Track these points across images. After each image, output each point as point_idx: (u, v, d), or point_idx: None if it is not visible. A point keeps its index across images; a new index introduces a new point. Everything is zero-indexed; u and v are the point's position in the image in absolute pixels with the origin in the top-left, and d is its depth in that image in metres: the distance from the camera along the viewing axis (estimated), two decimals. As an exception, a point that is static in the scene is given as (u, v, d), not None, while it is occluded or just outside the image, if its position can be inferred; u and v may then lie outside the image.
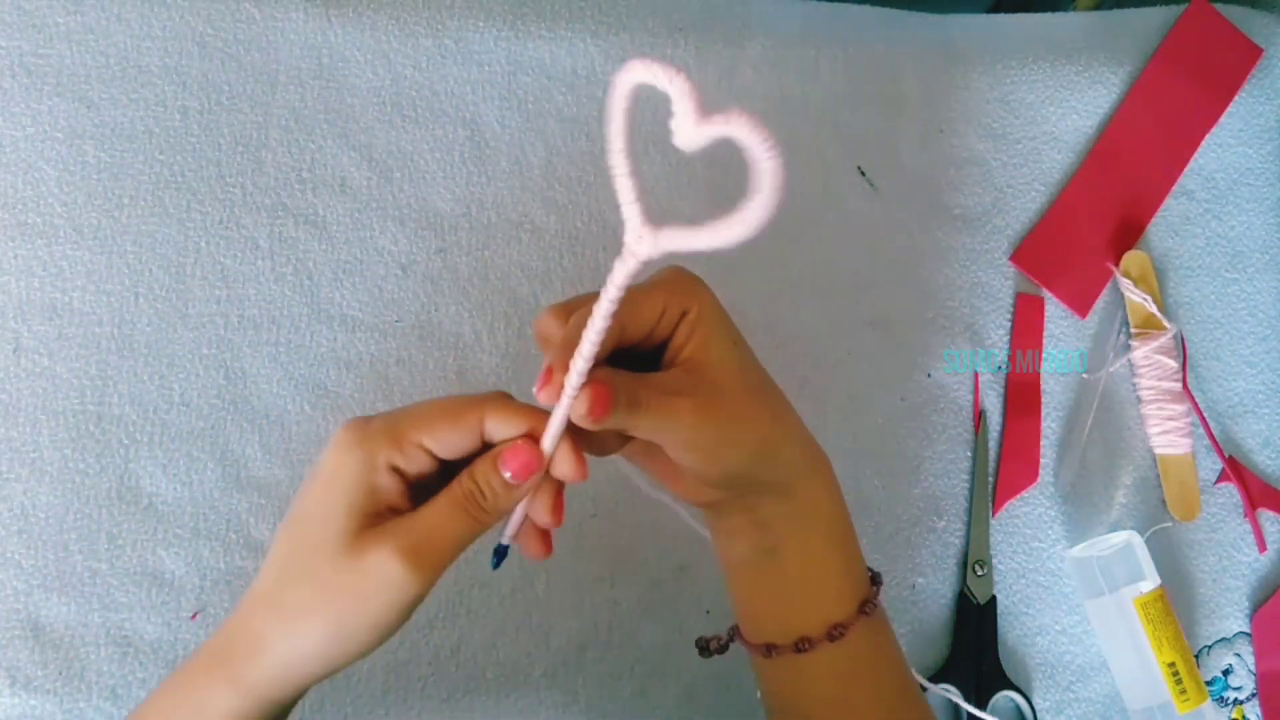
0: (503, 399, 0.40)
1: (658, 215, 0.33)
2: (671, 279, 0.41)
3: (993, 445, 0.67)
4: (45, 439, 0.58)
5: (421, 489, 0.40)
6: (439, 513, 0.38)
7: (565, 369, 0.36)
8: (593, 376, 0.37)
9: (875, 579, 0.45)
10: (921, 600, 0.63)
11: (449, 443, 0.39)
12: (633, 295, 0.39)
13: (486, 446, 0.40)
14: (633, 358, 0.41)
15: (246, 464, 0.59)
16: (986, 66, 0.73)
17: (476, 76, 0.67)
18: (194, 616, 0.57)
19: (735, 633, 0.47)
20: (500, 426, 0.39)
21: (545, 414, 0.38)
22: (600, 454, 0.42)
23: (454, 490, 0.38)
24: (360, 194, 0.64)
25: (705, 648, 0.50)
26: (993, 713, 0.62)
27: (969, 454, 0.66)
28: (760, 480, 0.41)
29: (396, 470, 0.39)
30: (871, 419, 0.66)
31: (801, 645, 0.42)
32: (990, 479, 0.66)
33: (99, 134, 0.62)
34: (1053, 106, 0.73)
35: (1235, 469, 0.68)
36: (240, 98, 0.64)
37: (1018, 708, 0.63)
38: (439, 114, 0.66)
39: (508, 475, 0.38)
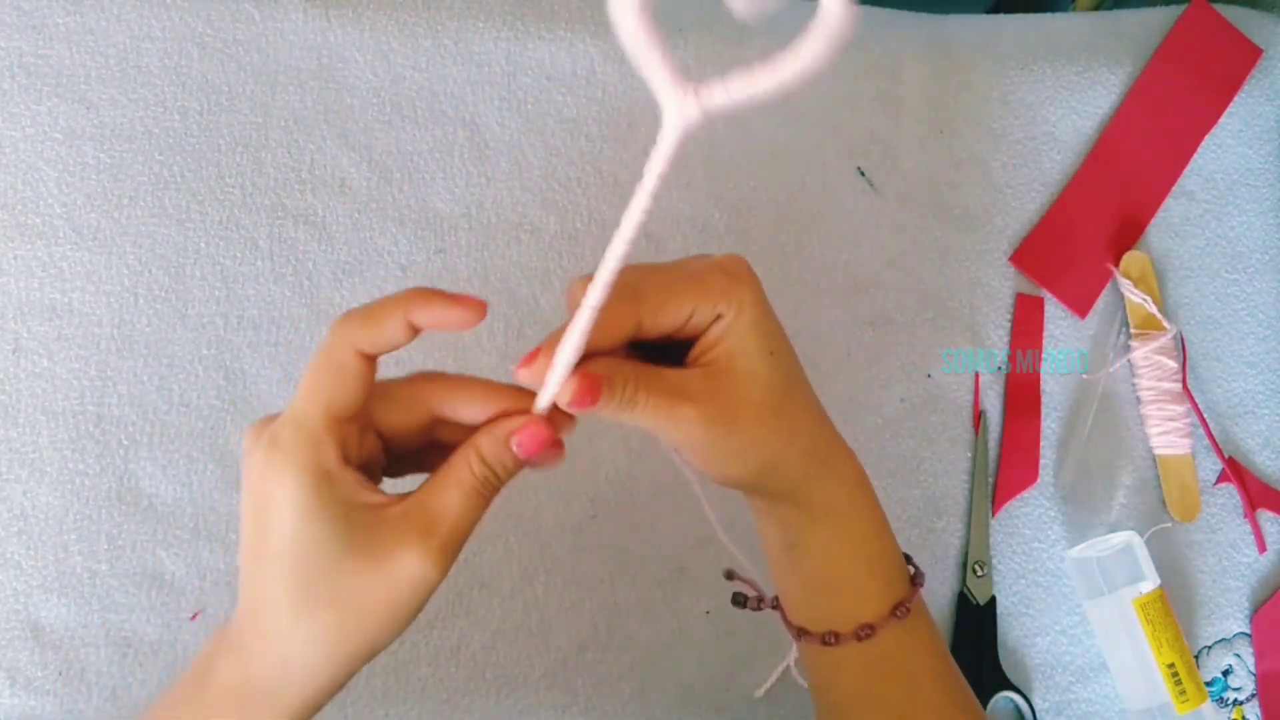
0: (442, 382, 0.38)
1: (657, 215, 0.32)
2: (712, 274, 0.38)
3: (992, 446, 0.67)
4: (45, 439, 0.58)
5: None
6: (454, 502, 0.36)
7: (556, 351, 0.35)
8: (585, 365, 0.35)
9: (915, 579, 0.43)
10: (934, 594, 0.63)
11: (401, 424, 0.38)
12: (656, 290, 0.37)
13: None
14: (665, 347, 0.39)
15: (246, 465, 0.59)
16: (986, 67, 0.73)
17: (476, 77, 0.67)
18: (194, 617, 0.57)
19: (776, 602, 0.46)
20: (466, 407, 0.37)
21: (502, 387, 0.38)
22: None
23: (463, 474, 0.36)
24: (360, 194, 0.64)
25: (742, 603, 0.50)
26: (992, 713, 0.62)
27: (969, 454, 0.66)
28: (768, 488, 0.41)
29: (349, 460, 0.36)
30: (870, 419, 0.66)
31: (828, 639, 0.41)
32: (990, 479, 0.66)
33: (98, 135, 0.62)
34: (1053, 107, 0.73)
35: (1235, 469, 0.68)
36: (240, 98, 0.64)
37: (1017, 708, 0.63)
38: (438, 114, 0.66)
39: (518, 450, 0.37)
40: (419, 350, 0.62)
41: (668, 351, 0.39)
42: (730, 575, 0.52)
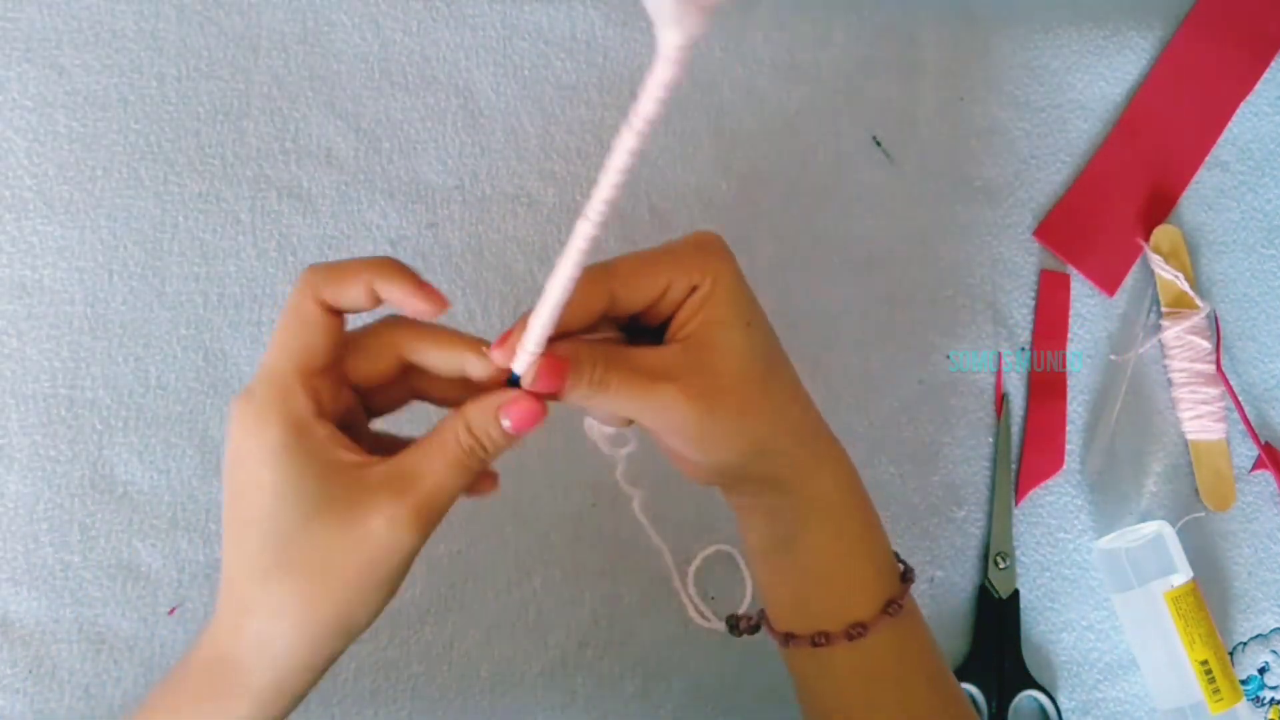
0: (409, 327, 0.36)
1: (661, 189, 0.29)
2: (685, 249, 0.37)
3: (1015, 431, 0.63)
4: (14, 424, 0.55)
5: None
6: (436, 468, 0.35)
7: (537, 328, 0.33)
8: (552, 347, 0.34)
9: (906, 575, 0.42)
10: (940, 594, 0.60)
11: (368, 373, 0.36)
12: (630, 267, 0.36)
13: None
14: (644, 330, 0.38)
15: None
16: (1009, 31, 0.69)
17: (470, 41, 0.63)
18: (171, 611, 0.54)
19: (762, 615, 0.45)
20: (432, 352, 0.36)
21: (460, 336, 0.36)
22: (612, 424, 0.40)
23: (448, 443, 0.35)
24: (347, 165, 0.61)
25: (735, 626, 0.49)
26: (1015, 713, 0.59)
27: (990, 440, 0.63)
28: (757, 475, 0.39)
29: (324, 413, 0.35)
30: (887, 402, 0.62)
31: (818, 640, 0.40)
32: (1013, 466, 0.63)
33: (70, 102, 0.59)
34: (1079, 73, 0.70)
35: (1272, 456, 0.65)
36: (220, 64, 0.61)
37: (1041, 708, 0.60)
38: (430, 81, 0.63)
39: (508, 425, 0.35)
40: (409, 330, 0.59)
41: (643, 339, 0.38)
42: (729, 620, 0.51)
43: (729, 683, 0.57)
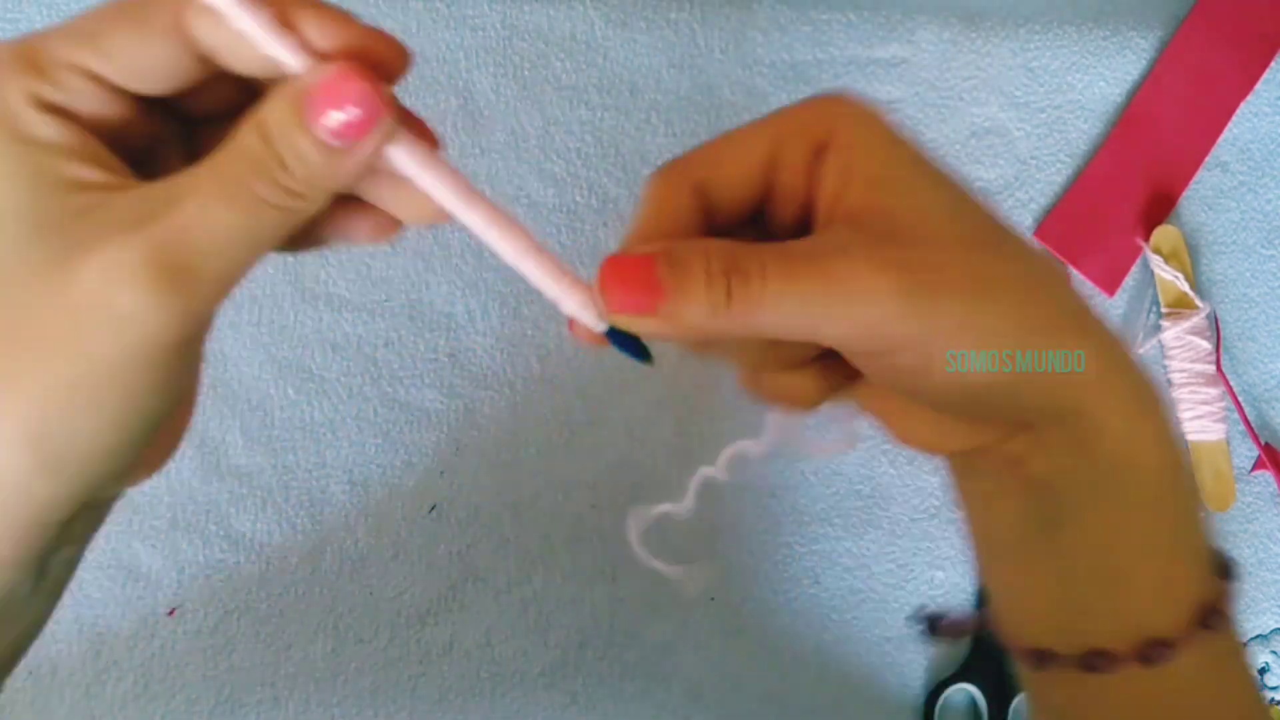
0: None
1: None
2: (789, 108, 0.26)
3: (1015, 431, 0.63)
4: (14, 425, 0.55)
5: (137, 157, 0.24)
6: (197, 192, 0.22)
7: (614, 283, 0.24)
8: (629, 250, 0.24)
9: (1227, 570, 0.28)
10: (940, 595, 0.60)
11: (138, 58, 0.23)
12: (713, 145, 0.26)
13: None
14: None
15: (226, 451, 0.56)
16: (1008, 30, 0.69)
17: (469, 42, 0.63)
18: (171, 613, 0.54)
19: (987, 619, 0.33)
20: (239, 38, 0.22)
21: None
22: (801, 406, 0.28)
23: (222, 157, 0.22)
24: (347, 166, 0.61)
25: (933, 626, 0.37)
26: (1016, 713, 0.59)
27: (990, 440, 0.63)
28: (1030, 406, 0.26)
29: (52, 108, 0.22)
30: (887, 403, 0.62)
31: (1094, 662, 0.27)
32: (1013, 466, 0.63)
33: (70, 102, 0.59)
34: (1079, 73, 0.69)
35: (1272, 456, 0.65)
36: (220, 64, 0.61)
37: (1042, 708, 0.60)
38: (429, 82, 0.62)
39: (326, 131, 0.22)
40: (409, 330, 0.59)
41: None
42: (928, 619, 0.40)
43: (729, 683, 0.57)
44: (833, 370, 0.27)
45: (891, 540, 0.60)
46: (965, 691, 0.58)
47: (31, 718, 0.52)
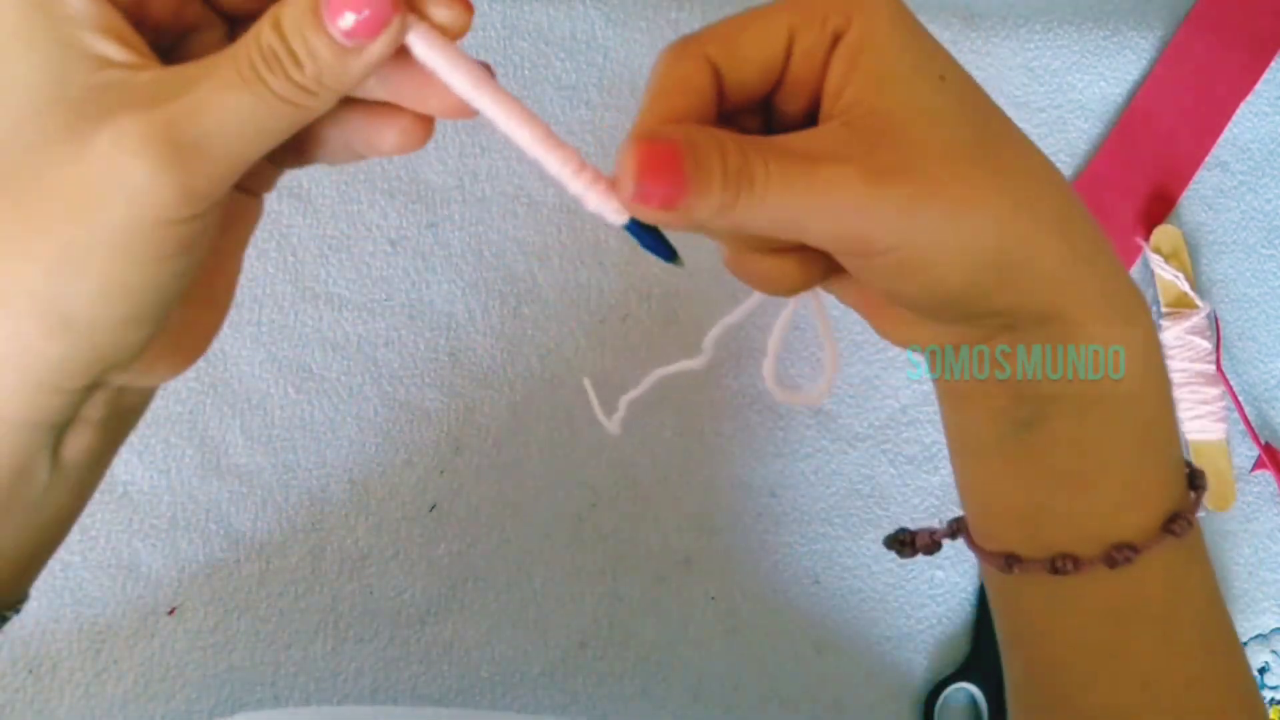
0: None
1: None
2: None
3: (1015, 431, 0.63)
4: (14, 424, 0.55)
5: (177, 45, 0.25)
6: (211, 77, 0.23)
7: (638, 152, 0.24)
8: (645, 133, 0.24)
9: (1194, 480, 0.29)
10: (941, 594, 0.60)
11: None
12: (730, 22, 0.26)
13: None
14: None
15: (227, 450, 0.56)
16: (1008, 31, 0.69)
17: (469, 41, 0.63)
18: (171, 612, 0.54)
19: (959, 528, 0.33)
20: None
21: None
22: (781, 290, 0.28)
23: (239, 47, 0.23)
24: (347, 165, 0.60)
25: (904, 544, 0.35)
26: (1016, 713, 0.59)
27: (990, 440, 0.63)
28: (1006, 309, 0.26)
29: None
30: (887, 404, 0.62)
31: (1061, 564, 0.28)
32: (1013, 466, 0.63)
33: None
34: (1079, 73, 0.69)
35: (1272, 456, 0.64)
36: (220, 64, 0.61)
37: (1042, 707, 0.60)
38: (430, 81, 0.62)
39: (339, 30, 0.22)
40: (409, 330, 0.59)
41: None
42: (898, 538, 0.37)
43: (729, 683, 0.57)
44: (816, 258, 0.28)
45: (891, 540, 0.60)
46: (965, 691, 0.58)
47: (31, 717, 0.52)
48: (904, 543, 0.35)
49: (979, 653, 0.59)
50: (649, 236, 0.27)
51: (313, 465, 0.56)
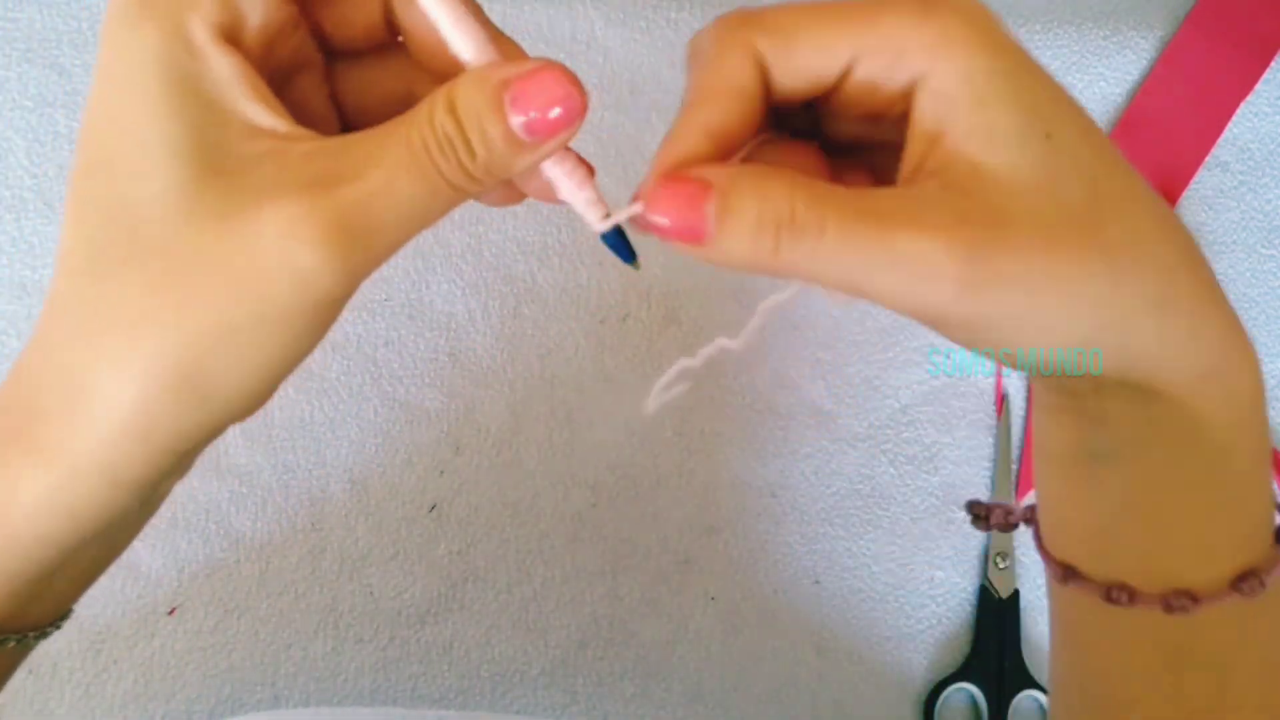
0: None
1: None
2: (888, 9, 0.23)
3: (1016, 431, 0.63)
4: (14, 424, 0.55)
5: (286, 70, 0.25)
6: (383, 163, 0.22)
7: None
8: (671, 168, 0.22)
9: None
10: (940, 595, 0.60)
11: None
12: (790, 16, 0.23)
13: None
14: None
15: (226, 450, 0.56)
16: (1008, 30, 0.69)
17: (470, 41, 0.63)
18: (171, 612, 0.54)
19: (1034, 519, 0.31)
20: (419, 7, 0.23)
21: None
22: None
23: (411, 130, 0.22)
24: (347, 166, 0.61)
25: (981, 515, 0.34)
26: (1015, 713, 0.59)
27: (991, 441, 0.63)
28: (1094, 379, 0.25)
29: (233, 39, 0.23)
30: (887, 405, 0.62)
31: (1117, 595, 0.27)
32: (1014, 467, 0.63)
33: (70, 102, 0.59)
34: (1079, 73, 0.69)
35: (1272, 456, 0.64)
36: (220, 64, 0.61)
37: (1042, 707, 0.59)
38: (430, 81, 0.62)
39: (519, 124, 0.22)
40: (409, 330, 0.59)
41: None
42: (973, 507, 0.36)
43: (729, 683, 0.57)
44: None
45: (891, 540, 0.60)
46: (965, 691, 0.58)
47: (31, 717, 0.52)
48: (978, 515, 0.34)
49: (979, 653, 0.59)
50: (612, 235, 0.27)
51: (312, 465, 0.56)
